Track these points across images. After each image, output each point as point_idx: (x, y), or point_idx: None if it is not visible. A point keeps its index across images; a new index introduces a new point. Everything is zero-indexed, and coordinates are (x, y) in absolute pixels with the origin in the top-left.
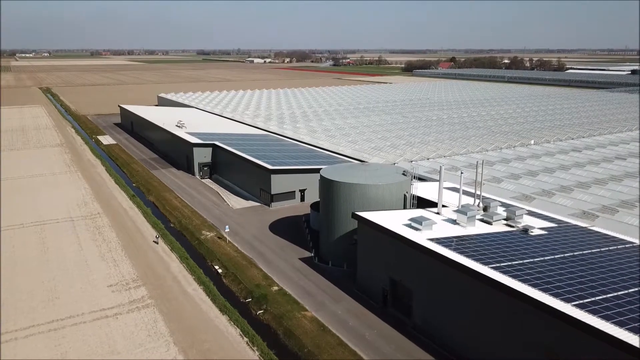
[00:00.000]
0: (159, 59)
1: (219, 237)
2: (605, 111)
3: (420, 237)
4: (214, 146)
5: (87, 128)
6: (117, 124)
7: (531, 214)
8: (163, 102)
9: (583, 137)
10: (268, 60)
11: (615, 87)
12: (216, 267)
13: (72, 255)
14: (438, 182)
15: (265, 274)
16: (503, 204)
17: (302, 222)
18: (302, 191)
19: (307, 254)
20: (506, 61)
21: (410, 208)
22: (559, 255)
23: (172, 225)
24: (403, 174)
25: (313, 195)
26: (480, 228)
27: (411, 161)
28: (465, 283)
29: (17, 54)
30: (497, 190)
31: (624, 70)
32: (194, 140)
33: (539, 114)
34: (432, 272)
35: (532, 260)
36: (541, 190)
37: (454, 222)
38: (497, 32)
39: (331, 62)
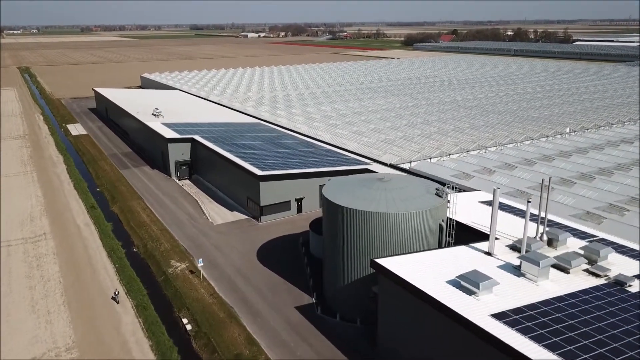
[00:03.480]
0: (150, 35)
1: (191, 271)
2: (637, 89)
3: (480, 311)
4: (193, 141)
5: (58, 114)
6: (92, 110)
7: (613, 246)
8: (146, 84)
9: (626, 123)
10: (263, 34)
11: (632, 61)
12: (184, 320)
13: None
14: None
15: (249, 336)
16: (572, 231)
17: (300, 246)
18: (299, 200)
19: (306, 298)
20: (510, 33)
21: (447, 244)
22: None
23: (134, 249)
24: (437, 194)
25: (312, 204)
26: (555, 281)
27: (430, 158)
28: None
29: (4, 32)
30: (551, 205)
31: (633, 41)
32: (169, 134)
33: (563, 93)
34: None
35: None
36: (607, 205)
37: (517, 271)
38: (495, 3)
39: (328, 36)
